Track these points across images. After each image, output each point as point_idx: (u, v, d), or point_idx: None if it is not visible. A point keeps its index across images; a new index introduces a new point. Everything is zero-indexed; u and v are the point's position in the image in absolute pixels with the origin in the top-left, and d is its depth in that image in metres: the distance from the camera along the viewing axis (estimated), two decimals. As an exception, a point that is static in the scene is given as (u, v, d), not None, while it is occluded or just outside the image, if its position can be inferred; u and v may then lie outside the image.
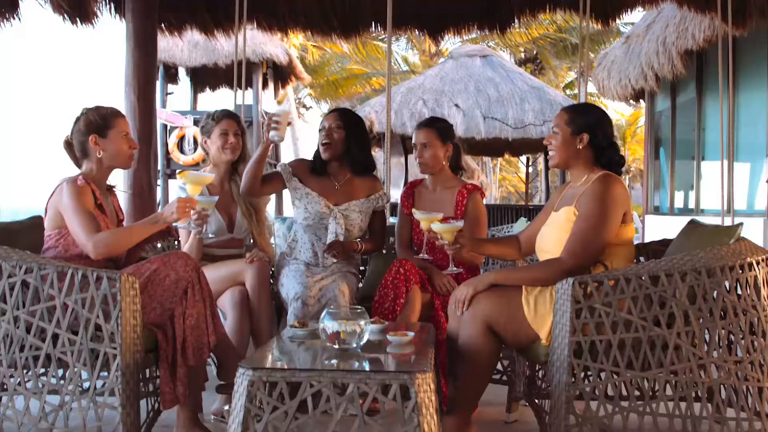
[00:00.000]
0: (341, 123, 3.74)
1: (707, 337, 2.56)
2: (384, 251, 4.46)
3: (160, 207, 3.86)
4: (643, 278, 2.53)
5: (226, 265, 3.56)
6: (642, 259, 3.27)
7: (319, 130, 3.79)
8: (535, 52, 24.06)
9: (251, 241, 3.87)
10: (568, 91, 24.04)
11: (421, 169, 3.80)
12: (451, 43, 21.33)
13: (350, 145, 3.74)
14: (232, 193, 3.83)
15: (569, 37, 21.84)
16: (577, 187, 2.94)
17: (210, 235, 3.56)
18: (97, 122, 3.08)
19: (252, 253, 3.59)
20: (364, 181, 3.84)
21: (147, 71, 5.28)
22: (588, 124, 2.92)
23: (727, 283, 2.57)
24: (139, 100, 5.17)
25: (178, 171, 3.06)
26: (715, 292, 2.57)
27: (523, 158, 21.52)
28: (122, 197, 5.17)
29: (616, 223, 2.79)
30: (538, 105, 12.92)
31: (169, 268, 2.89)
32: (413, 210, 3.36)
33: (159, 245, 3.94)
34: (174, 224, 3.10)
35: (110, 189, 3.22)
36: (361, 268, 4.33)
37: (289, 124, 3.51)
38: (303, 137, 20.59)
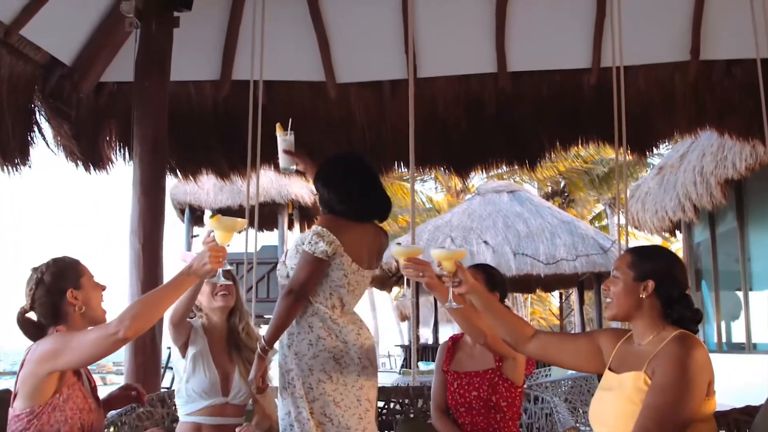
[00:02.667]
0: (314, 187, 3.22)
1: None
2: (412, 415, 3.98)
3: (164, 373, 3.40)
4: (740, 469, 1.99)
5: None
6: (724, 433, 2.71)
7: None
8: (562, 185, 23.96)
9: (252, 405, 3.39)
10: (596, 223, 23.72)
11: None
12: (477, 179, 21.36)
13: (321, 204, 3.13)
14: (228, 351, 3.39)
15: (596, 167, 21.79)
16: (644, 347, 2.43)
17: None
18: (66, 274, 2.67)
19: (241, 428, 3.11)
20: None
21: (154, 218, 4.98)
22: (655, 270, 2.45)
23: None
24: (144, 248, 4.84)
25: (210, 215, 2.60)
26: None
27: (555, 292, 20.96)
28: (126, 349, 4.75)
29: (700, 396, 2.27)
30: (570, 239, 12.67)
31: None
32: (391, 247, 2.84)
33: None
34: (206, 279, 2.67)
35: None
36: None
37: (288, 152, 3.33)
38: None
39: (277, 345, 2.96)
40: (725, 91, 6.02)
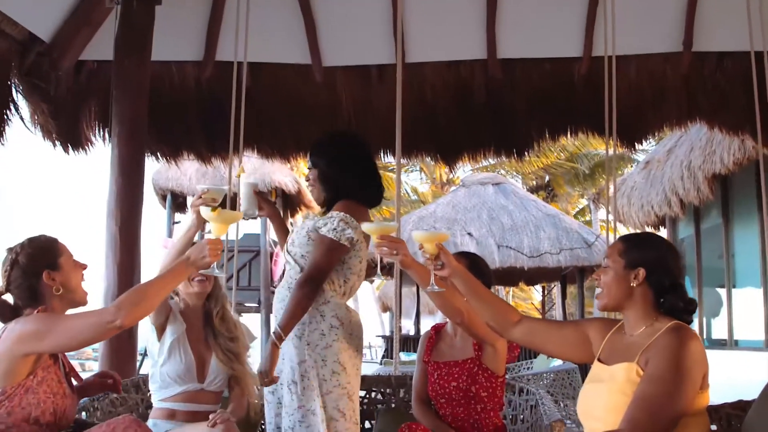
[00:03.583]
0: (311, 162, 3.04)
1: None
2: (393, 405, 3.90)
3: (141, 362, 3.28)
4: (735, 466, 1.91)
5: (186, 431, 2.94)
6: (715, 428, 2.63)
7: None
8: (546, 179, 23.97)
9: (228, 393, 3.28)
10: (580, 218, 23.76)
11: None
12: (462, 171, 21.33)
13: (326, 184, 2.99)
14: (205, 336, 3.27)
15: (580, 166, 21.83)
16: (636, 338, 2.34)
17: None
18: (42, 254, 2.54)
19: (215, 414, 2.94)
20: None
21: (132, 201, 4.83)
22: (646, 257, 2.36)
23: None
24: (121, 231, 4.68)
25: (212, 209, 2.51)
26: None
27: (538, 286, 20.98)
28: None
29: (695, 388, 2.19)
30: (554, 233, 12.64)
31: None
32: (362, 224, 2.69)
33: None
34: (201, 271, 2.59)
35: None
36: (368, 425, 3.83)
37: (258, 193, 3.14)
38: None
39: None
40: (717, 84, 5.96)
